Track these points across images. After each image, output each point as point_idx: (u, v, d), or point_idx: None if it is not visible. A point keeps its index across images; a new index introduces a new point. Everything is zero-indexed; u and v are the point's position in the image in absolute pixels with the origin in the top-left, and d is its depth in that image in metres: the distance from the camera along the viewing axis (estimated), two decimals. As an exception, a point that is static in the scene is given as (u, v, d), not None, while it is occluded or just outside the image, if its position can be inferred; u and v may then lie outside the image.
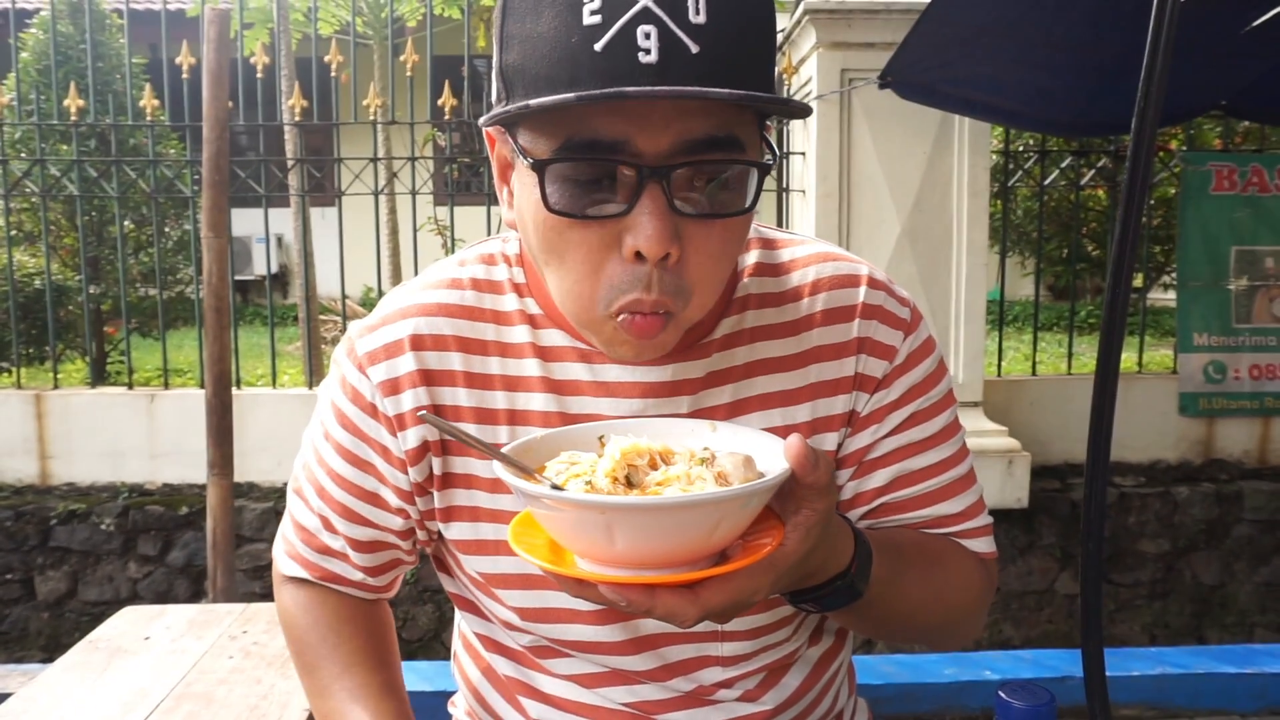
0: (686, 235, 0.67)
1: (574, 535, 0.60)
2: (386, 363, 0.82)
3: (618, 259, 0.68)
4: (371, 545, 0.89)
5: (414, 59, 3.76)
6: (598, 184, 0.67)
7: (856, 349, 0.84)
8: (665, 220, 0.65)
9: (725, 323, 0.83)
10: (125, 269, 4.01)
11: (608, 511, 0.56)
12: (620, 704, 0.87)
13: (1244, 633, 3.69)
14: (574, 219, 0.67)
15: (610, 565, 0.60)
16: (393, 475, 0.85)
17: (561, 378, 0.82)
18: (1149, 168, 0.94)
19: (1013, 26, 2.38)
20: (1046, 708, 0.60)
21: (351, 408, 0.85)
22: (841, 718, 1.02)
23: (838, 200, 3.34)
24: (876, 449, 0.85)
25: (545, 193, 0.66)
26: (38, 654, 3.61)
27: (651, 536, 0.57)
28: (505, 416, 0.82)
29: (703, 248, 0.69)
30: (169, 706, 1.44)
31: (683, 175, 0.66)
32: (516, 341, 0.83)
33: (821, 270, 0.86)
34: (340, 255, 3.86)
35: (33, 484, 3.78)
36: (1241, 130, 4.31)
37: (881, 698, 2.36)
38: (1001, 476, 3.33)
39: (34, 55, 4.59)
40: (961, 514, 0.88)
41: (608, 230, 0.67)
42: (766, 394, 0.83)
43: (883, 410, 0.85)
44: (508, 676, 0.92)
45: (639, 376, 0.81)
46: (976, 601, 0.89)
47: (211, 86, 2.57)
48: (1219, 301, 3.79)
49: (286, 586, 0.95)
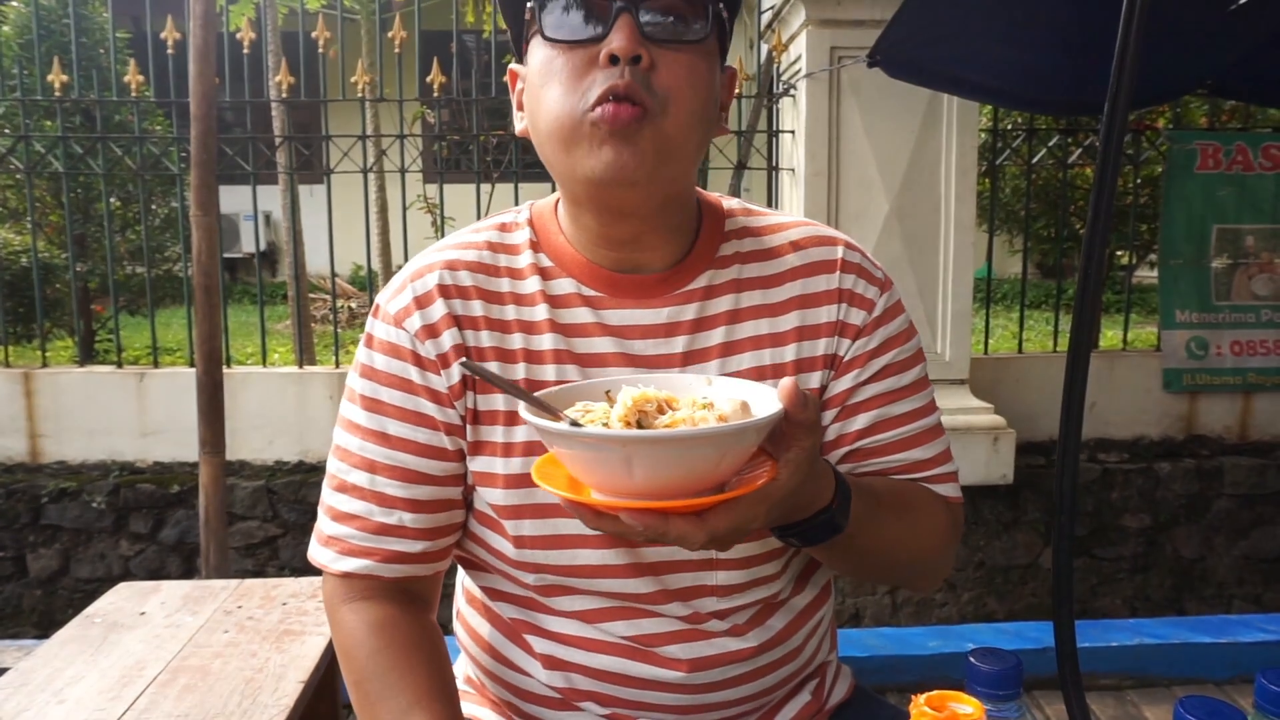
0: (656, 55, 0.82)
1: (595, 469, 0.67)
2: (420, 312, 0.91)
3: (595, 70, 0.82)
4: (432, 504, 0.92)
5: (402, 36, 3.73)
6: (583, 17, 0.83)
7: (838, 298, 0.94)
8: (633, 31, 0.81)
9: (714, 273, 0.94)
10: (113, 247, 4.00)
11: (628, 445, 0.64)
12: (621, 637, 0.93)
13: (1223, 604, 3.76)
14: (564, 43, 0.83)
15: (626, 496, 0.67)
16: (443, 414, 0.91)
17: (569, 321, 0.92)
18: (1119, 151, 0.96)
19: (1000, 5, 2.38)
20: (1013, 670, 0.63)
21: (394, 362, 0.91)
22: (823, 673, 1.07)
23: (826, 179, 3.35)
24: (858, 394, 0.94)
25: (542, 27, 0.84)
26: (31, 631, 3.63)
27: (666, 467, 0.64)
28: (522, 355, 0.91)
29: (671, 67, 0.82)
30: (165, 679, 1.46)
31: (651, 6, 0.82)
32: (529, 291, 0.93)
33: (802, 232, 0.98)
34: (330, 233, 3.85)
35: (23, 462, 3.78)
36: (1228, 109, 4.33)
37: (866, 669, 2.41)
38: (987, 453, 3.38)
39: (16, 29, 4.52)
40: (932, 460, 0.97)
41: (589, 53, 0.82)
42: (756, 336, 0.93)
43: (864, 356, 0.94)
44: (513, 619, 0.97)
45: (637, 319, 0.92)
46: (944, 542, 0.97)
47: (198, 64, 2.56)
48: (1199, 279, 3.83)
49: (346, 609, 0.92)
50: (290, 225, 4.47)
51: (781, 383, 0.70)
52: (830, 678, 1.08)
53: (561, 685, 0.95)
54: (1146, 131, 4.00)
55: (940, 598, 3.64)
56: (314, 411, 3.73)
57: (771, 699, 1.00)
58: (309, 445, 3.74)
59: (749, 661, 0.94)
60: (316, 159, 3.99)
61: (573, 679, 0.94)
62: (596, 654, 0.93)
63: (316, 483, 3.60)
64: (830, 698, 1.07)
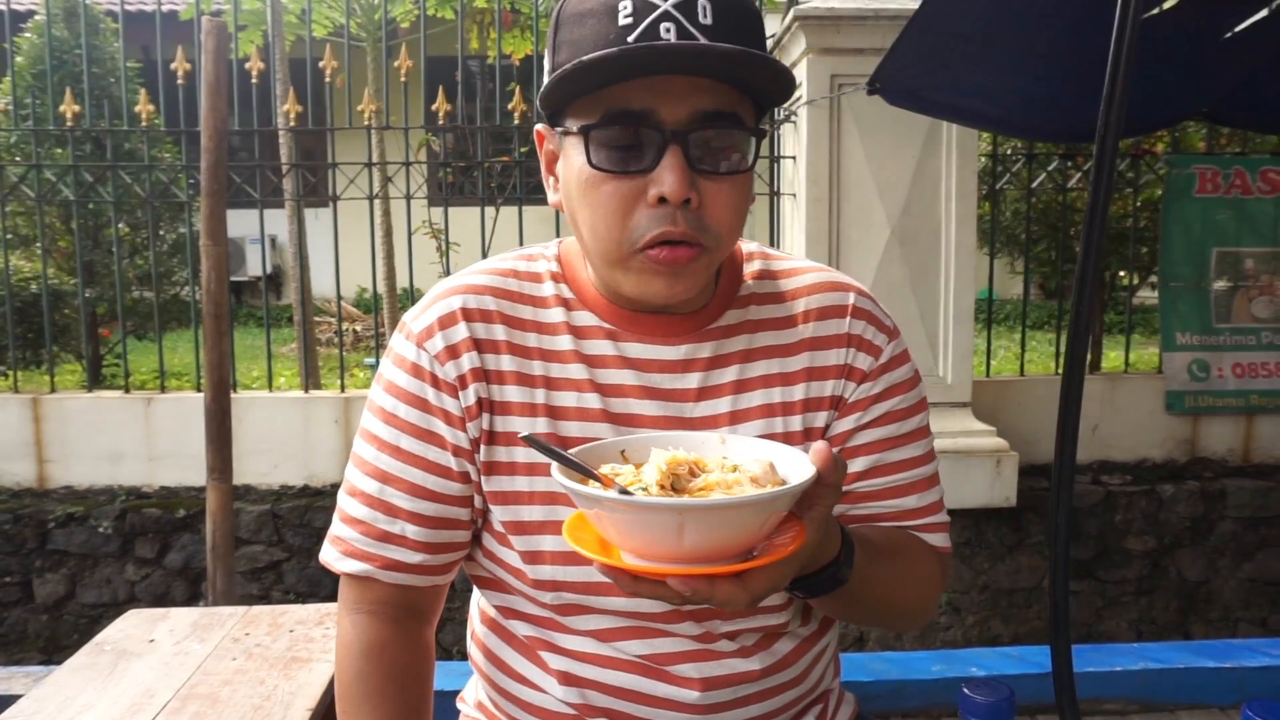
0: (702, 189, 0.84)
1: (640, 535, 0.68)
2: (442, 333, 0.94)
3: (644, 206, 0.84)
4: (436, 520, 0.95)
5: (408, 64, 3.79)
6: (629, 147, 0.84)
7: (846, 343, 0.97)
8: (684, 172, 0.82)
9: (730, 314, 0.97)
10: (121, 272, 4.04)
11: (684, 512, 0.65)
12: (635, 655, 0.95)
13: (1228, 628, 3.75)
14: (610, 173, 0.84)
15: (667, 561, 0.68)
16: (454, 436, 0.94)
17: (591, 352, 0.95)
18: (1111, 178, 0.98)
19: (998, 34, 2.42)
20: (1005, 701, 0.64)
21: (414, 382, 0.94)
22: (826, 700, 1.08)
23: (828, 204, 3.38)
24: (857, 437, 0.97)
25: (589, 152, 0.84)
26: (36, 656, 3.63)
27: (717, 532, 0.66)
28: (542, 381, 0.94)
29: (716, 199, 0.85)
30: (175, 707, 1.47)
31: (696, 139, 0.83)
32: (552, 321, 0.96)
33: (816, 278, 1.01)
34: (335, 258, 3.89)
35: (30, 487, 3.81)
36: (1226, 133, 4.36)
37: (870, 694, 2.41)
38: (990, 476, 3.38)
39: (29, 60, 4.60)
40: (924, 509, 0.99)
41: (636, 184, 0.84)
42: (768, 375, 0.96)
43: (867, 400, 0.97)
44: (529, 637, 0.99)
45: (655, 354, 0.95)
46: (934, 590, 1.00)
47: (210, 97, 2.60)
48: (1199, 302, 3.84)
49: (348, 618, 0.98)
50: (297, 251, 4.51)
51: (815, 446, 0.73)
52: (833, 704, 1.10)
53: (577, 701, 0.96)
54: (1145, 156, 4.03)
55: (944, 621, 3.64)
56: (319, 436, 3.75)
57: None
58: (314, 470, 3.76)
59: (757, 683, 0.96)
60: (323, 185, 4.03)
61: (588, 695, 0.96)
62: (612, 671, 0.95)
63: (322, 507, 3.62)
64: (833, 725, 1.08)
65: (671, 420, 0.94)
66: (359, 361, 6.73)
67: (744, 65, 0.80)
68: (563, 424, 0.93)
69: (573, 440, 0.92)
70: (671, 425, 0.93)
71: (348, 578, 0.98)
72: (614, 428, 0.93)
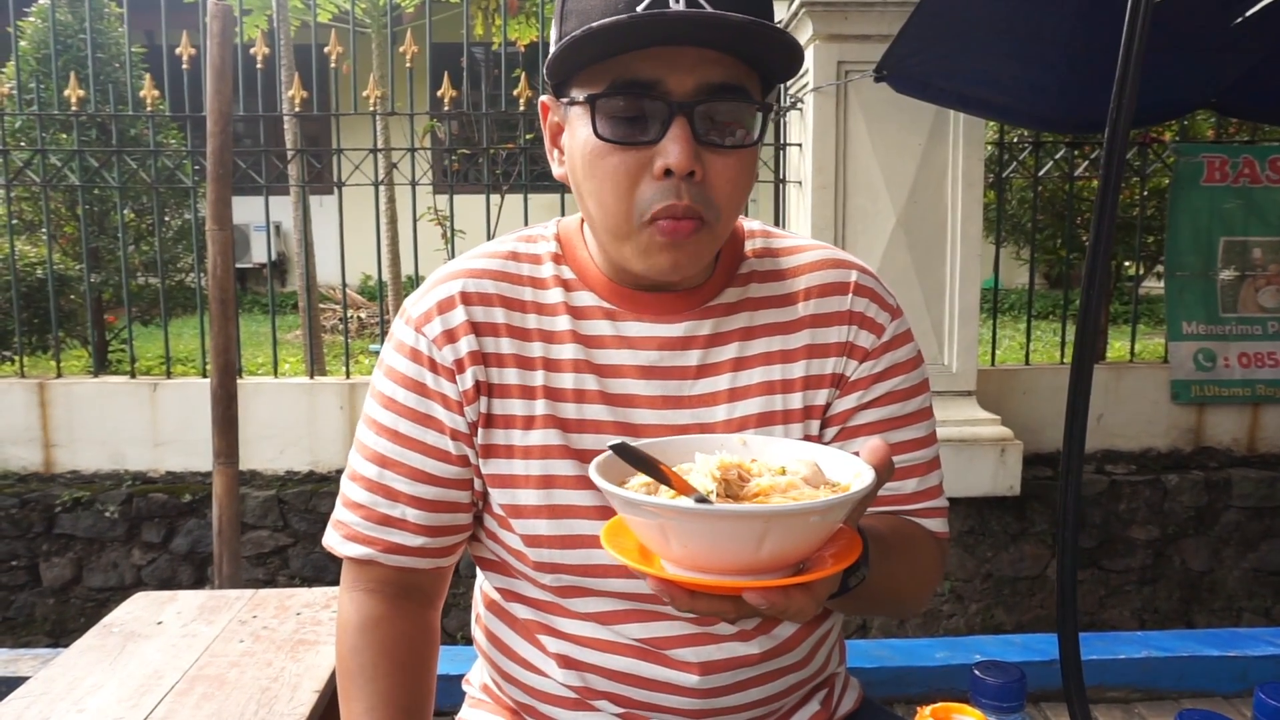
0: (707, 161, 0.83)
1: (708, 545, 0.62)
2: (440, 317, 0.94)
3: (650, 178, 0.83)
4: (435, 504, 0.95)
5: (413, 50, 3.77)
6: (635, 119, 0.83)
7: (848, 320, 0.96)
8: (689, 144, 0.81)
9: (731, 291, 0.96)
10: (126, 258, 4.04)
11: (770, 519, 0.60)
12: (634, 639, 0.95)
13: (1231, 617, 3.75)
14: (616, 144, 0.83)
15: (730, 573, 0.63)
16: (452, 420, 0.94)
17: (589, 333, 0.95)
18: (1121, 168, 0.98)
19: (1005, 22, 2.40)
20: (1016, 683, 0.64)
21: (412, 366, 0.95)
22: (832, 684, 1.08)
23: (834, 192, 3.37)
24: (858, 416, 0.96)
25: (595, 123, 0.83)
26: (44, 639, 3.66)
27: (794, 538, 0.63)
28: (541, 363, 0.94)
29: (722, 173, 0.84)
30: (183, 688, 1.48)
31: (703, 111, 0.82)
32: (551, 302, 0.96)
33: (818, 255, 1.00)
34: (340, 245, 3.89)
35: (37, 472, 3.82)
36: (1235, 121, 4.33)
37: (874, 680, 2.42)
38: (994, 464, 3.38)
39: (33, 44, 4.59)
40: (923, 493, 0.98)
41: (643, 155, 0.83)
42: (768, 352, 0.95)
43: (868, 379, 0.96)
44: (528, 620, 0.99)
45: (655, 332, 0.94)
46: (934, 578, 1.00)
47: (215, 81, 2.60)
48: (1206, 291, 3.83)
49: (348, 595, 0.99)
50: (301, 237, 4.51)
51: (874, 444, 0.72)
52: (839, 689, 1.10)
53: (577, 684, 0.97)
54: (1153, 144, 4.01)
55: (948, 609, 3.65)
56: (324, 421, 3.76)
57: (780, 706, 1.02)
58: (319, 455, 3.77)
59: (756, 667, 0.96)
60: (328, 172, 4.03)
61: (588, 678, 0.96)
62: (611, 655, 0.95)
63: (327, 493, 3.63)
64: (839, 708, 1.09)
65: (669, 400, 0.93)
66: (364, 348, 6.74)
67: (754, 37, 0.79)
68: (561, 405, 0.93)
69: (570, 422, 0.92)
70: (669, 405, 0.93)
71: (350, 561, 0.98)
72: (610, 409, 0.93)
